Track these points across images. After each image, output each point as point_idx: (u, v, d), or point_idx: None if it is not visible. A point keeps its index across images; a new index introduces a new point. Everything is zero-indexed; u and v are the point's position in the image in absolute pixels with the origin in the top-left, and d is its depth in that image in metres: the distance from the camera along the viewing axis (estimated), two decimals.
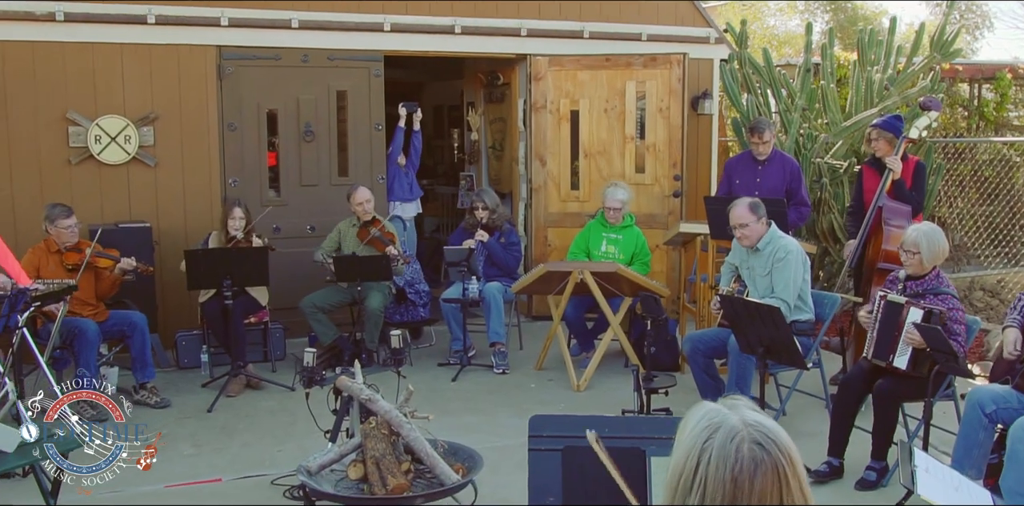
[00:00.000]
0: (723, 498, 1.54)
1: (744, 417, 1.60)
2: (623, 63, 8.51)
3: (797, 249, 5.78)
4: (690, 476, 1.58)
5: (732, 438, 1.57)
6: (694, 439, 1.60)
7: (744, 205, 5.74)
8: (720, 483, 1.55)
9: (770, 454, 1.56)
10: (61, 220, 6.33)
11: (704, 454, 1.57)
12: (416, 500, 4.27)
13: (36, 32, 7.15)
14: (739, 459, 1.55)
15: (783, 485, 1.55)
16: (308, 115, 8.01)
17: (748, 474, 1.54)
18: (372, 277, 7.04)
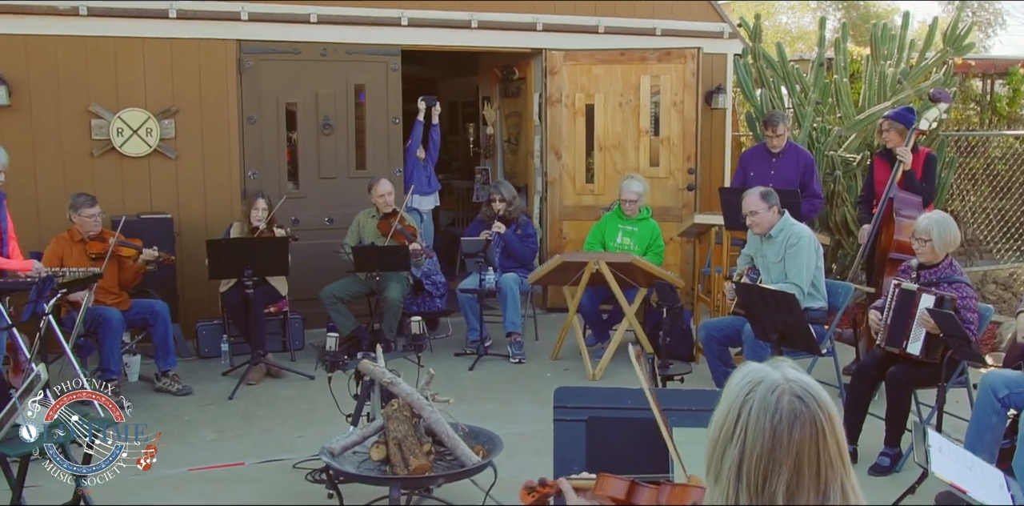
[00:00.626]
0: (762, 447, 1.60)
1: (786, 374, 1.67)
2: (638, 58, 8.59)
3: (809, 236, 5.86)
4: (731, 427, 1.65)
5: (773, 390, 1.63)
6: (737, 392, 1.67)
7: (756, 193, 5.84)
8: (760, 432, 1.61)
9: (809, 407, 1.62)
10: (85, 209, 6.43)
11: (746, 405, 1.64)
12: (437, 480, 4.36)
13: (59, 26, 7.26)
14: (779, 409, 1.61)
15: (820, 438, 1.61)
16: (327, 108, 8.11)
17: (787, 424, 1.60)
18: (390, 267, 7.14)
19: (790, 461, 1.60)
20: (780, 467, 1.60)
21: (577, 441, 2.69)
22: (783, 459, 1.60)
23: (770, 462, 1.60)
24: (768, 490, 1.60)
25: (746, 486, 1.62)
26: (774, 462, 1.60)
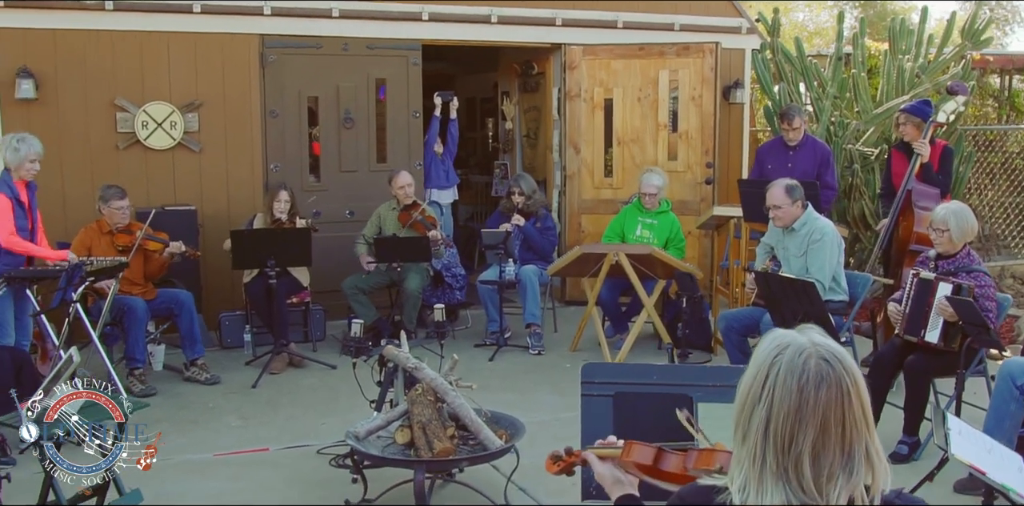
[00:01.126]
0: (788, 407, 1.65)
1: (812, 338, 1.71)
2: (656, 52, 8.64)
3: (833, 231, 5.90)
4: (759, 388, 1.69)
5: (800, 353, 1.68)
6: (765, 355, 1.72)
7: (781, 186, 5.88)
8: (787, 393, 1.65)
9: (835, 370, 1.66)
10: (115, 201, 6.53)
11: (773, 367, 1.68)
12: (461, 463, 4.43)
13: (87, 21, 7.36)
14: (805, 371, 1.65)
15: (845, 400, 1.65)
16: (348, 102, 8.19)
17: (813, 385, 1.64)
18: (411, 258, 7.21)
19: (816, 422, 1.64)
20: (806, 427, 1.64)
21: (604, 416, 2.76)
22: (809, 419, 1.64)
23: (796, 422, 1.65)
24: (794, 450, 1.65)
25: (773, 445, 1.66)
26: (800, 422, 1.64)
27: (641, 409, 2.75)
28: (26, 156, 5.85)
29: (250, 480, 4.92)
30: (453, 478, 4.75)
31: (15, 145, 5.86)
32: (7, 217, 5.76)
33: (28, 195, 5.95)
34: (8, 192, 5.80)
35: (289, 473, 5.01)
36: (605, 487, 2.28)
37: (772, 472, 1.67)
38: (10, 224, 5.76)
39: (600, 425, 2.74)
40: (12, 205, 5.80)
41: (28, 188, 5.96)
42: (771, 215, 5.95)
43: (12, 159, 5.82)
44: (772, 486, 1.67)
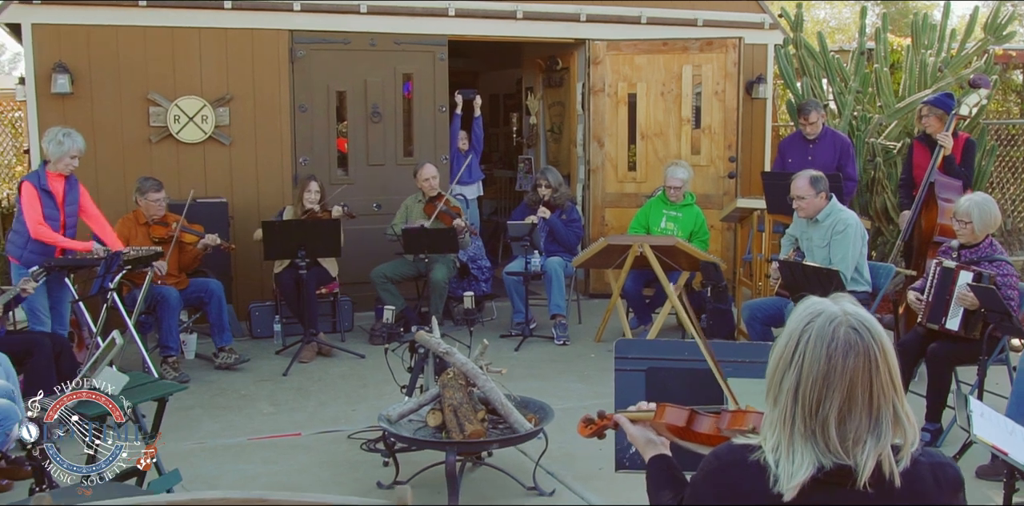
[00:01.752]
0: (817, 373, 1.75)
1: (844, 307, 1.81)
2: (680, 47, 8.72)
3: (856, 223, 5.96)
4: (791, 353, 1.79)
5: (831, 321, 1.78)
6: (797, 322, 1.82)
7: (805, 178, 5.95)
8: (816, 359, 1.76)
9: (863, 339, 1.76)
10: (152, 193, 6.67)
11: (804, 334, 1.79)
12: (492, 445, 4.53)
13: (120, 17, 7.51)
14: (835, 338, 1.76)
15: (872, 367, 1.75)
16: (375, 97, 8.31)
17: (842, 352, 1.74)
18: (439, 249, 7.32)
19: (843, 387, 1.74)
20: (833, 392, 1.74)
21: (636, 390, 2.85)
22: (836, 385, 1.74)
23: (824, 387, 1.75)
24: (821, 413, 1.75)
25: (801, 408, 1.77)
26: (828, 387, 1.75)
27: (672, 383, 2.84)
28: (67, 151, 5.98)
29: (284, 463, 5.03)
30: (483, 461, 4.85)
31: (60, 139, 6.00)
32: (34, 207, 5.89)
33: (65, 188, 6.08)
34: (36, 182, 5.94)
35: (321, 456, 5.12)
36: (638, 448, 2.36)
37: (801, 434, 1.77)
38: (37, 214, 5.89)
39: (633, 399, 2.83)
40: (39, 195, 5.92)
41: (68, 181, 6.09)
42: (795, 206, 6.02)
43: (54, 151, 5.96)
44: (802, 447, 1.77)
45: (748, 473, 1.83)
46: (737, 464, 1.86)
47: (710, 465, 1.93)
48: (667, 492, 2.19)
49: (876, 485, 1.75)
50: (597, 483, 4.66)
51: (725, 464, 1.89)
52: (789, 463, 1.77)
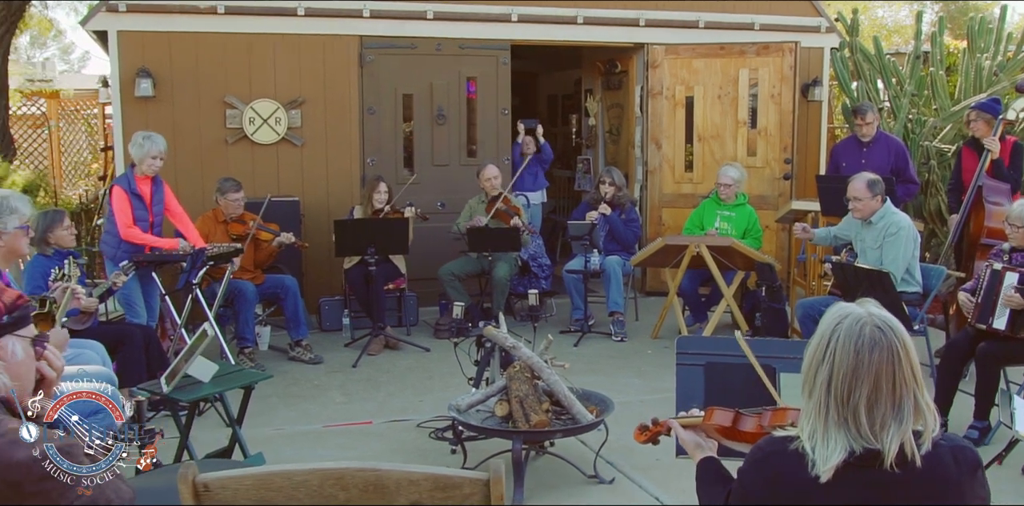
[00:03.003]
0: (847, 367, 2.01)
1: (869, 309, 2.08)
2: (736, 51, 8.91)
3: (909, 225, 6.11)
4: (823, 351, 2.06)
5: (858, 321, 2.04)
6: (828, 323, 2.10)
7: (863, 180, 6.12)
8: (845, 354, 2.02)
9: (886, 336, 2.02)
10: (231, 193, 7.03)
11: (835, 333, 2.05)
12: (556, 434, 4.79)
13: (200, 24, 7.88)
14: (862, 336, 2.02)
15: (896, 361, 2.01)
16: (440, 99, 8.61)
17: (868, 348, 2.01)
18: (502, 248, 7.60)
19: (870, 379, 2.00)
20: (861, 384, 2.00)
21: (696, 382, 3.10)
22: (864, 377, 2.00)
23: (853, 379, 2.01)
24: (851, 402, 2.01)
25: (834, 399, 2.03)
26: (856, 379, 2.00)
27: (729, 377, 3.09)
28: (148, 152, 6.35)
29: (358, 449, 5.30)
30: (546, 450, 5.05)
31: (141, 141, 6.38)
32: (125, 211, 6.27)
33: (152, 189, 6.45)
34: (126, 186, 6.31)
35: (392, 444, 5.39)
36: (688, 451, 2.64)
37: (834, 421, 2.03)
38: (128, 217, 6.26)
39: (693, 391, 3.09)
40: (129, 198, 6.30)
41: (154, 182, 6.46)
42: (851, 206, 6.19)
43: (137, 154, 6.34)
44: (835, 433, 2.03)
45: (789, 460, 2.07)
46: (778, 453, 2.11)
47: (755, 455, 2.17)
48: (716, 488, 2.43)
49: (901, 466, 1.99)
50: (655, 473, 4.86)
51: (768, 454, 2.14)
52: (824, 448, 2.02)
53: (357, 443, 5.42)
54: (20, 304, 2.38)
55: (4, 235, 4.28)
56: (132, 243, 6.31)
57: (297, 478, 2.14)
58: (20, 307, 2.38)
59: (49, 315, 4.51)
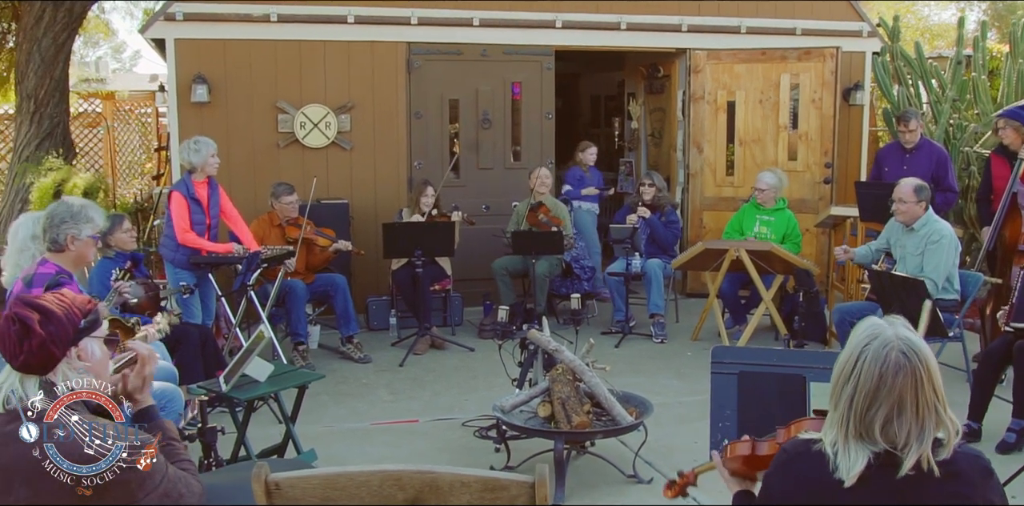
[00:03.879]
0: (869, 388, 2.16)
1: (898, 332, 2.21)
2: (778, 57, 9.01)
3: (951, 234, 6.20)
4: (850, 369, 2.21)
5: (885, 345, 2.18)
6: (857, 342, 2.23)
7: (911, 184, 6.22)
8: (869, 376, 2.17)
9: (911, 362, 2.16)
10: (285, 196, 7.27)
11: (863, 354, 2.20)
12: (596, 435, 4.95)
13: (253, 31, 8.13)
14: (887, 361, 2.16)
15: (919, 385, 2.16)
16: (486, 104, 8.81)
17: (892, 373, 2.15)
18: (546, 251, 7.77)
19: (891, 401, 2.15)
20: (880, 404, 2.15)
21: (730, 390, 3.26)
22: (884, 399, 2.15)
23: (873, 400, 2.16)
24: (867, 419, 2.17)
25: (854, 414, 2.18)
26: (875, 400, 2.16)
27: (762, 386, 3.24)
28: (207, 153, 6.61)
29: (404, 447, 5.49)
30: (587, 450, 5.18)
31: (194, 147, 6.62)
32: (183, 216, 6.51)
33: (208, 192, 6.70)
34: (184, 191, 6.56)
35: (438, 442, 5.56)
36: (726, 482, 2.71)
37: (852, 434, 2.19)
38: (185, 222, 6.51)
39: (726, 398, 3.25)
40: (188, 203, 6.55)
41: (210, 186, 6.71)
42: (894, 208, 6.29)
43: (197, 160, 6.57)
44: (854, 443, 2.19)
45: (813, 460, 2.23)
46: (802, 454, 2.27)
47: (780, 458, 2.33)
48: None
49: (918, 470, 2.15)
50: None
51: (792, 455, 2.30)
52: (846, 458, 2.18)
53: (403, 441, 5.59)
54: (91, 308, 2.65)
55: (76, 242, 4.51)
56: (188, 247, 6.56)
57: (360, 479, 2.33)
58: (92, 311, 2.64)
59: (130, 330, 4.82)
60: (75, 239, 4.48)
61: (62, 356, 2.51)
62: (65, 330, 2.50)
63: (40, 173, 8.61)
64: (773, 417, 2.94)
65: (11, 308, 2.50)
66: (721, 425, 3.35)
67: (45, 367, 2.48)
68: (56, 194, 8.35)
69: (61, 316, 2.50)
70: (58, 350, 2.48)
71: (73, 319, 2.54)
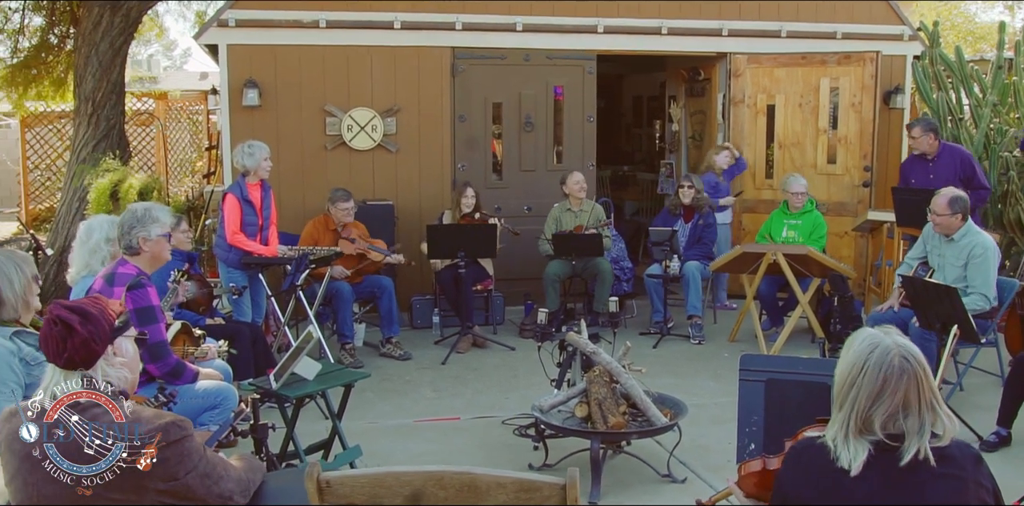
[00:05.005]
0: (871, 390, 2.38)
1: (895, 340, 2.44)
2: (818, 61, 9.08)
3: (993, 246, 6.24)
4: (856, 374, 2.42)
5: (887, 352, 2.40)
6: (860, 351, 2.45)
7: (947, 196, 6.26)
8: (873, 380, 2.39)
9: (911, 365, 2.39)
10: (341, 203, 7.48)
11: (867, 361, 2.41)
12: (632, 436, 5.09)
13: (302, 37, 8.36)
14: (891, 366, 2.39)
15: (920, 386, 2.39)
16: (528, 108, 8.99)
17: (896, 376, 2.38)
18: (586, 253, 7.93)
19: (894, 401, 2.37)
20: (881, 404, 2.38)
21: (757, 397, 3.41)
22: (886, 399, 2.37)
23: (876, 400, 2.38)
24: (869, 416, 2.39)
25: (856, 413, 2.40)
26: (878, 400, 2.38)
27: (788, 393, 3.39)
28: (261, 156, 6.86)
29: (445, 443, 5.66)
30: (622, 449, 5.31)
31: (247, 151, 6.86)
32: (234, 218, 6.76)
33: (261, 195, 6.94)
34: (238, 193, 6.80)
35: (478, 439, 5.73)
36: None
37: (853, 432, 2.41)
38: (235, 224, 6.76)
39: (754, 405, 3.40)
40: (240, 205, 6.78)
41: (263, 188, 6.94)
42: (930, 219, 6.37)
43: (251, 163, 6.81)
44: (854, 441, 2.41)
45: (818, 452, 2.44)
46: (808, 447, 2.49)
47: (789, 455, 2.55)
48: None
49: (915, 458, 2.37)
50: (726, 473, 5.02)
51: (799, 450, 2.52)
52: (847, 450, 2.39)
53: (445, 438, 5.76)
54: (122, 311, 2.91)
55: (148, 242, 4.71)
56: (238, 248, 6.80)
57: (404, 478, 2.50)
58: (123, 313, 2.90)
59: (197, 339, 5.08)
60: (146, 240, 4.68)
61: (102, 352, 2.75)
62: (103, 329, 2.75)
63: (97, 174, 8.91)
64: (798, 424, 3.01)
65: (52, 312, 2.73)
66: (748, 431, 3.50)
67: (87, 362, 2.71)
68: (112, 194, 8.65)
69: (98, 316, 2.76)
70: (98, 347, 2.73)
71: (108, 319, 2.79)
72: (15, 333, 3.63)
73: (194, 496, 2.68)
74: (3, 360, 3.54)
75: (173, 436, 2.64)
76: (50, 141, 13.63)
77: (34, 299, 3.78)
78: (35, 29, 11.48)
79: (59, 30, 11.17)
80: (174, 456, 2.62)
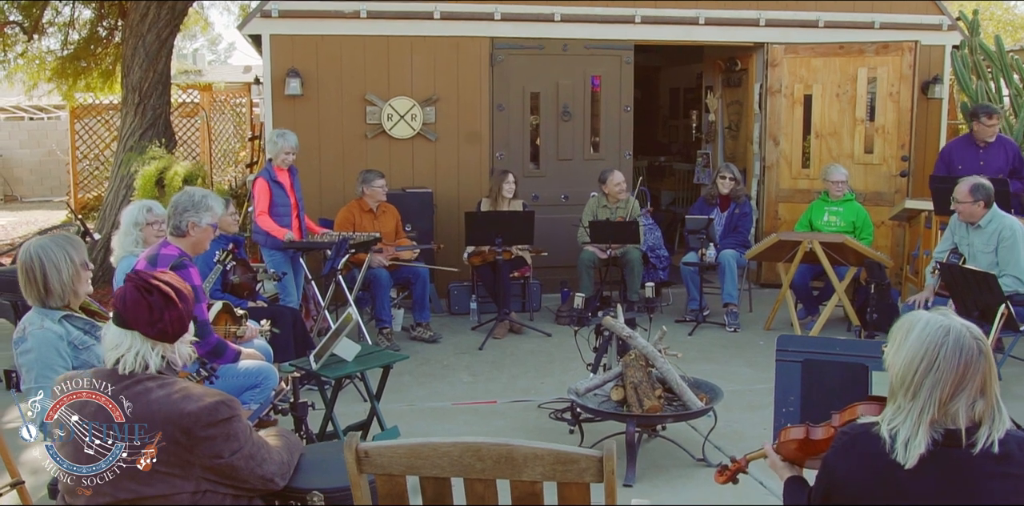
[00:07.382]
0: (954, 375, 2.29)
1: (963, 322, 2.36)
2: (855, 50, 9.07)
3: (1021, 227, 6.28)
4: (932, 360, 2.31)
5: (962, 335, 2.32)
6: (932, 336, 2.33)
7: (968, 184, 6.32)
8: (954, 367, 2.30)
9: (983, 347, 2.32)
10: (376, 180, 7.63)
11: (942, 348, 2.31)
12: (667, 419, 5.14)
13: (343, 27, 8.48)
14: (970, 350, 2.31)
15: (989, 368, 2.32)
16: (566, 97, 9.05)
17: (975, 359, 2.30)
18: (622, 240, 8.00)
19: (975, 384, 2.30)
20: (966, 389, 2.30)
21: (794, 378, 3.46)
22: (967, 383, 2.30)
23: (960, 385, 2.30)
24: (953, 405, 2.31)
25: (936, 400, 2.31)
26: (961, 385, 2.30)
27: (825, 374, 3.44)
28: (281, 148, 7.06)
29: (483, 426, 5.74)
30: (658, 433, 5.41)
31: (275, 139, 7.11)
32: (262, 200, 6.98)
33: (290, 178, 7.12)
34: (267, 176, 7.03)
35: (515, 422, 5.81)
36: (777, 472, 2.85)
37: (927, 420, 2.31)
38: (264, 205, 6.96)
39: (790, 385, 3.45)
40: (269, 187, 6.96)
41: (291, 172, 7.13)
42: (953, 207, 6.40)
43: (271, 150, 7.10)
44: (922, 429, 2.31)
45: (873, 441, 2.37)
46: (863, 435, 2.41)
47: (841, 440, 2.46)
48: (803, 497, 2.69)
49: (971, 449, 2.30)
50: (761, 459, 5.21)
51: (853, 437, 2.43)
52: (907, 444, 2.30)
53: (482, 420, 5.85)
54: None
55: (196, 228, 4.84)
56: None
57: (442, 449, 2.55)
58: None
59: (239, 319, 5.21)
60: (195, 226, 4.81)
61: (187, 329, 2.86)
62: (190, 307, 2.86)
63: (143, 162, 9.09)
64: (835, 404, 3.02)
65: (147, 281, 2.78)
66: (785, 411, 3.53)
67: (176, 336, 2.80)
68: (159, 182, 8.84)
69: (187, 295, 2.86)
70: (188, 323, 2.84)
71: (190, 299, 2.88)
72: (64, 317, 3.65)
73: (238, 477, 2.73)
74: (51, 344, 3.55)
75: (222, 415, 2.67)
76: (98, 132, 13.90)
77: (83, 286, 3.73)
78: (84, 22, 11.73)
79: (107, 23, 11.39)
80: (221, 435, 2.66)
